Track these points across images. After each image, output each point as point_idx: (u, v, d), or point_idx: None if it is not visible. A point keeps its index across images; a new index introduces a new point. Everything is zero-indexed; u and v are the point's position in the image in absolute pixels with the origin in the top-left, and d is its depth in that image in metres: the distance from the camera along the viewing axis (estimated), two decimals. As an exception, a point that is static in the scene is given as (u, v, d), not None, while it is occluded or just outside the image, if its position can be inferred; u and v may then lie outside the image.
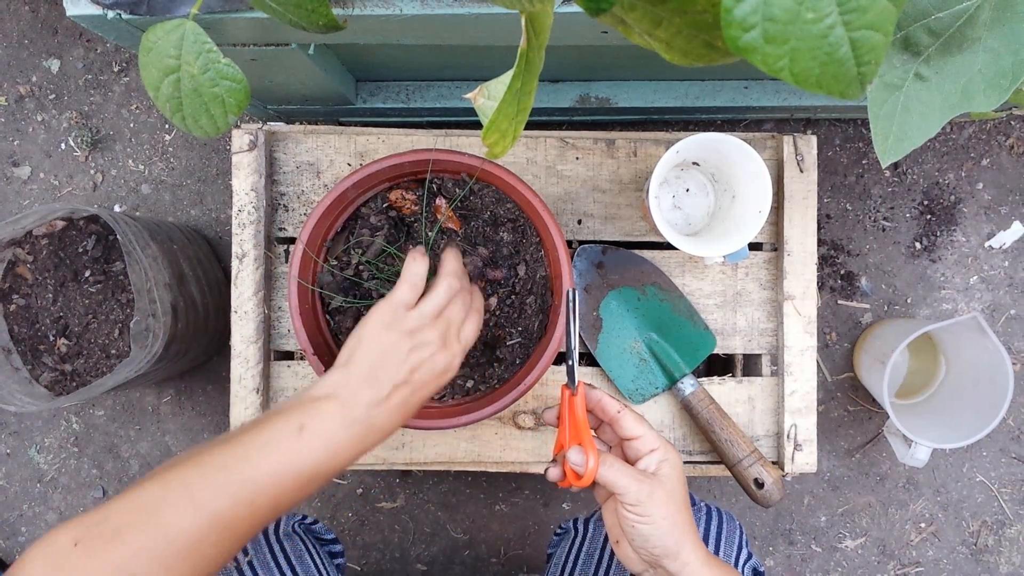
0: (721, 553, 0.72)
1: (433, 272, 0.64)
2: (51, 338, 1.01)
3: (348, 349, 0.57)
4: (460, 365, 0.61)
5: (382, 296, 0.67)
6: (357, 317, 0.73)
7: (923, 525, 1.21)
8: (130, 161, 1.20)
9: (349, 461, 0.54)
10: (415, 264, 0.60)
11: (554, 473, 0.60)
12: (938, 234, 1.20)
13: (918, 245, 1.20)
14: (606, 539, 0.76)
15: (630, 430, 0.59)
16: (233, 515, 0.48)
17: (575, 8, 0.59)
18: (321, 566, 0.76)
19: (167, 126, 1.20)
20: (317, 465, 0.52)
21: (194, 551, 0.47)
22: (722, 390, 0.83)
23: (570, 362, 0.60)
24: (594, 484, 0.58)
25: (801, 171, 0.82)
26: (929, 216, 1.20)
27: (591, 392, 0.61)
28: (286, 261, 0.82)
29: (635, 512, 0.55)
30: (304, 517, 0.81)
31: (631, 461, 0.59)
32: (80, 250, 1.01)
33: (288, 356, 0.84)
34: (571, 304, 0.61)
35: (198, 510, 0.47)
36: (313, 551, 0.77)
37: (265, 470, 0.50)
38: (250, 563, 0.69)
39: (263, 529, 0.74)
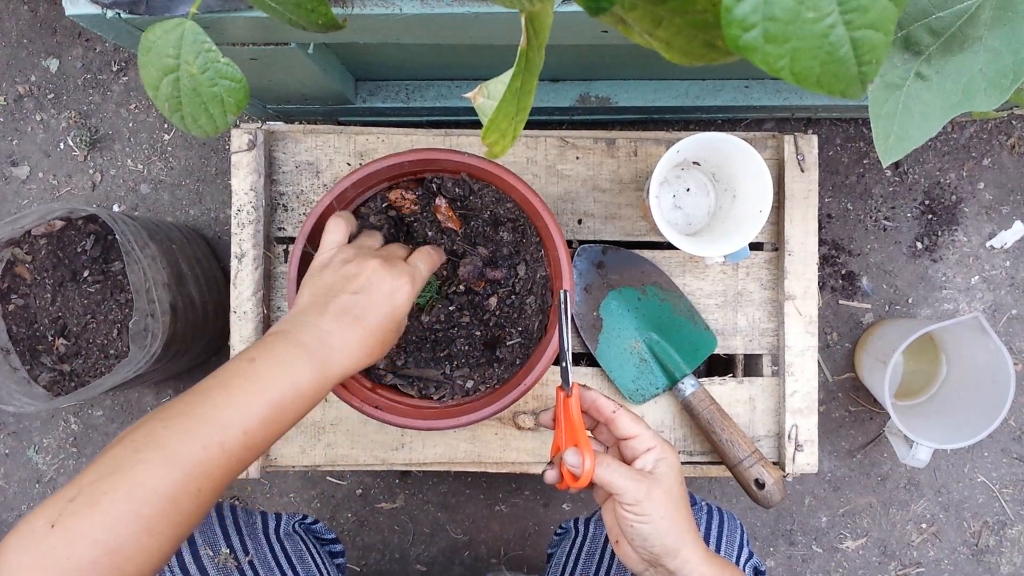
0: (722, 552, 0.72)
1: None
2: (50, 338, 1.01)
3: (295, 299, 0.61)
4: (422, 297, 0.66)
5: None
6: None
7: (924, 526, 1.21)
8: (129, 161, 1.20)
9: (314, 387, 0.53)
10: (334, 215, 0.66)
11: (551, 475, 0.59)
12: (939, 234, 1.20)
13: (919, 245, 1.20)
14: (606, 539, 0.76)
15: (626, 429, 0.58)
16: (207, 461, 0.47)
17: (575, 7, 0.59)
18: (322, 566, 0.76)
19: (166, 125, 1.20)
20: (279, 393, 0.51)
21: (174, 507, 0.45)
22: (723, 390, 0.83)
23: (564, 363, 0.60)
24: (592, 485, 0.58)
25: (802, 171, 0.82)
26: (930, 216, 1.20)
27: (586, 393, 0.60)
28: (285, 261, 0.82)
29: (633, 512, 0.55)
30: (304, 517, 0.81)
31: (628, 460, 0.58)
32: (79, 250, 1.01)
33: (287, 356, 0.83)
34: (564, 305, 0.60)
35: (171, 462, 0.46)
36: (314, 551, 0.77)
37: (227, 407, 0.49)
38: (250, 562, 0.69)
39: (263, 528, 0.74)
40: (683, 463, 0.82)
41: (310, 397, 0.53)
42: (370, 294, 0.58)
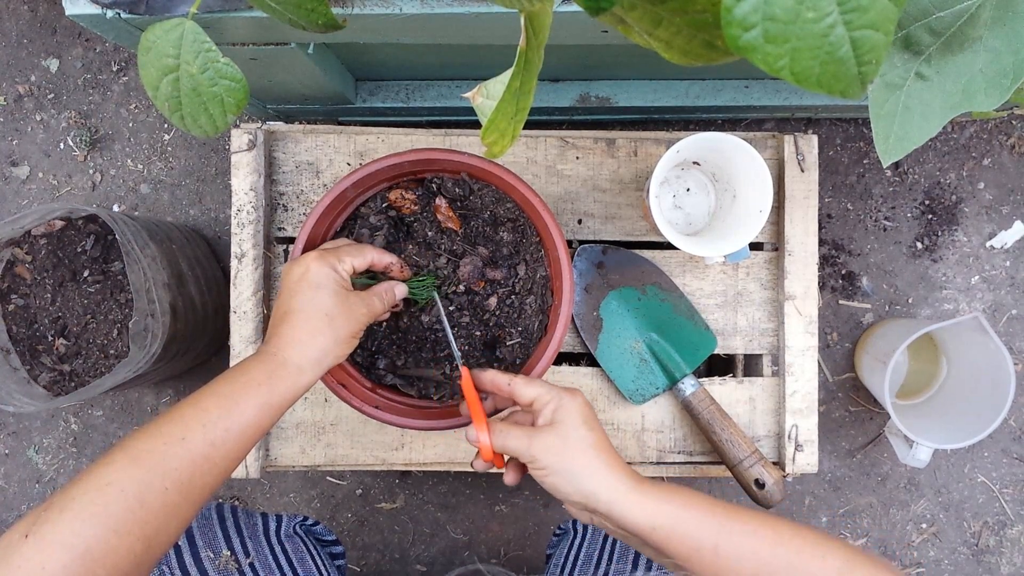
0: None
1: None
2: (49, 338, 1.01)
3: None
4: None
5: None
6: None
7: (924, 526, 1.21)
8: (129, 161, 1.20)
9: (266, 373, 0.55)
10: None
11: (478, 463, 0.61)
12: (939, 234, 1.20)
13: (919, 245, 1.20)
14: (605, 539, 0.76)
15: (524, 396, 0.59)
16: (170, 455, 0.49)
17: (575, 7, 0.59)
18: (322, 567, 0.76)
19: (166, 125, 1.20)
20: (230, 384, 0.54)
21: (140, 505, 0.47)
22: (723, 390, 0.83)
23: (452, 351, 0.66)
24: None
25: (802, 171, 0.82)
26: (930, 216, 1.20)
27: (481, 374, 0.62)
28: (285, 261, 0.82)
29: (535, 468, 0.56)
30: (305, 518, 0.81)
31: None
32: (79, 250, 1.01)
33: (287, 356, 0.83)
34: (439, 307, 0.69)
35: (134, 461, 0.48)
36: (314, 552, 0.77)
37: (184, 408, 0.52)
38: (251, 564, 0.69)
39: (264, 530, 0.74)
40: (683, 463, 0.83)
41: (261, 383, 0.55)
42: (284, 285, 0.61)
